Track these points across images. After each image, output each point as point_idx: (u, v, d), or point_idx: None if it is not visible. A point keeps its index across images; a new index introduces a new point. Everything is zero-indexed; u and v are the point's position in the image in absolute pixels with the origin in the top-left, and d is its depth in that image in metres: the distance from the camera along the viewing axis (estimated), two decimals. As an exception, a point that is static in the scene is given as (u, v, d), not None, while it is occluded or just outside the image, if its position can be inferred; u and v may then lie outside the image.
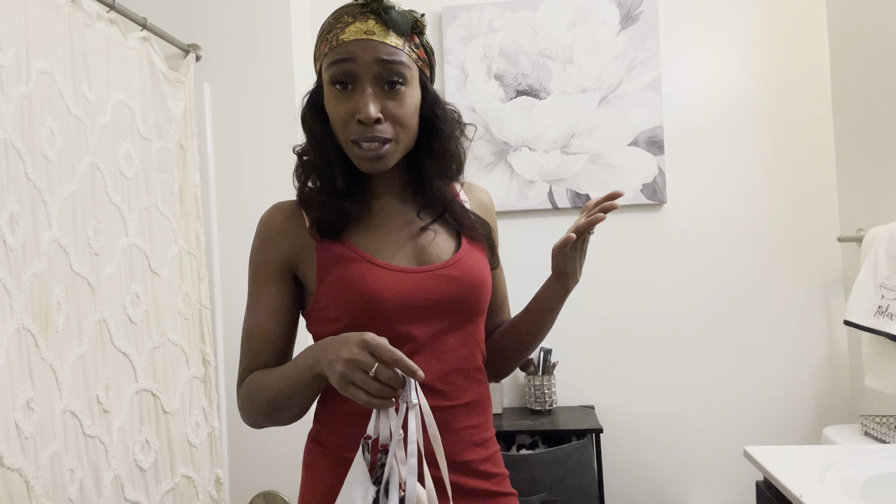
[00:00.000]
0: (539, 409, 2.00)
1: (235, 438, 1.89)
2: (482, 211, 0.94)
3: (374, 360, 0.64)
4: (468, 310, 0.82)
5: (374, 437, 0.67)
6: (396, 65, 0.75)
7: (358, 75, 0.75)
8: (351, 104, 0.76)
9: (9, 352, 1.11)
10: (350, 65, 0.74)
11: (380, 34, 0.75)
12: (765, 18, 2.06)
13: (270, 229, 0.83)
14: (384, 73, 0.75)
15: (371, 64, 0.74)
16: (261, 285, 0.83)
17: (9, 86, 1.16)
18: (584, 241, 0.83)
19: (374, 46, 0.74)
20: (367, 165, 0.78)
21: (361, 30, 0.75)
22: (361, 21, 0.75)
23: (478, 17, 2.12)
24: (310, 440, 0.85)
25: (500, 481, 0.84)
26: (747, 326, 2.05)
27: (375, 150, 0.76)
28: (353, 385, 0.65)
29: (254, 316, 0.83)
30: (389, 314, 0.77)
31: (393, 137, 0.77)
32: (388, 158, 0.78)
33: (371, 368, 0.64)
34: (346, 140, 0.78)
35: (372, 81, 0.75)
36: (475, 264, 0.84)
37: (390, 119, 0.76)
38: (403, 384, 0.65)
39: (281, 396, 0.76)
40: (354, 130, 0.76)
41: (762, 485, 1.03)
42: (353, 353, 0.65)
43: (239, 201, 1.91)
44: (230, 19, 1.92)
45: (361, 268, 0.78)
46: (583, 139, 2.08)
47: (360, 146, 0.76)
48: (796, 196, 2.04)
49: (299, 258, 0.82)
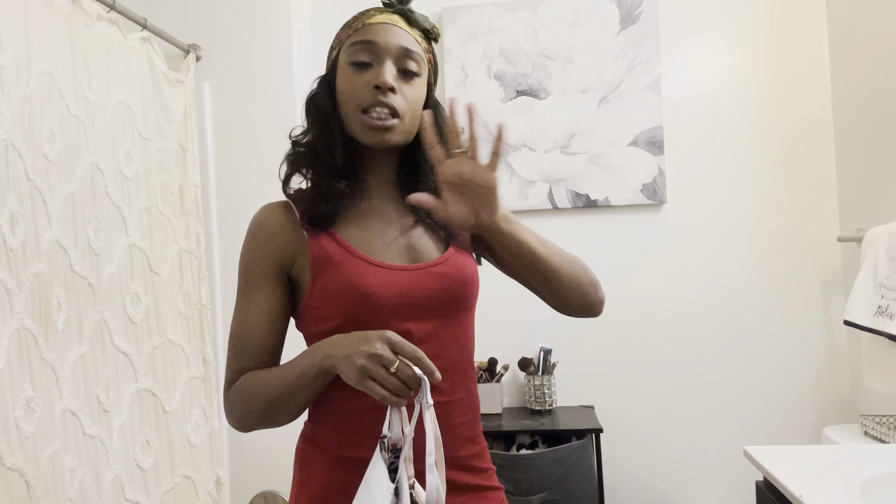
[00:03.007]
0: (539, 409, 2.00)
1: (235, 438, 1.89)
2: None
3: (396, 357, 0.66)
4: (459, 305, 0.83)
5: (389, 436, 0.68)
6: (414, 54, 0.81)
7: (380, 54, 0.80)
8: (369, 75, 0.79)
9: (9, 352, 1.11)
10: (373, 45, 0.80)
11: (403, 25, 0.82)
12: (765, 18, 2.06)
13: (264, 229, 0.83)
14: (403, 58, 0.80)
15: (394, 47, 0.80)
16: (253, 286, 0.82)
17: (9, 86, 1.16)
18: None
19: (398, 33, 0.81)
20: (372, 135, 0.80)
21: (387, 18, 0.82)
22: (387, 13, 0.83)
23: (478, 17, 2.12)
24: (303, 439, 0.85)
25: (488, 475, 0.86)
26: (747, 326, 2.05)
27: (384, 119, 0.79)
28: (372, 380, 0.66)
29: (245, 317, 0.82)
30: (384, 312, 0.77)
31: (401, 113, 0.80)
32: (393, 133, 0.80)
33: (393, 365, 0.65)
34: (357, 108, 0.79)
35: (392, 60, 0.80)
36: (464, 261, 0.85)
37: (402, 96, 0.80)
38: (419, 384, 0.66)
39: (281, 395, 0.76)
40: (367, 98, 0.79)
41: (762, 485, 1.03)
42: (376, 349, 0.66)
43: (239, 201, 1.91)
44: (230, 19, 1.92)
45: (356, 266, 0.78)
46: (583, 139, 2.08)
47: (369, 113, 0.79)
48: (796, 196, 2.04)
49: (293, 257, 0.82)
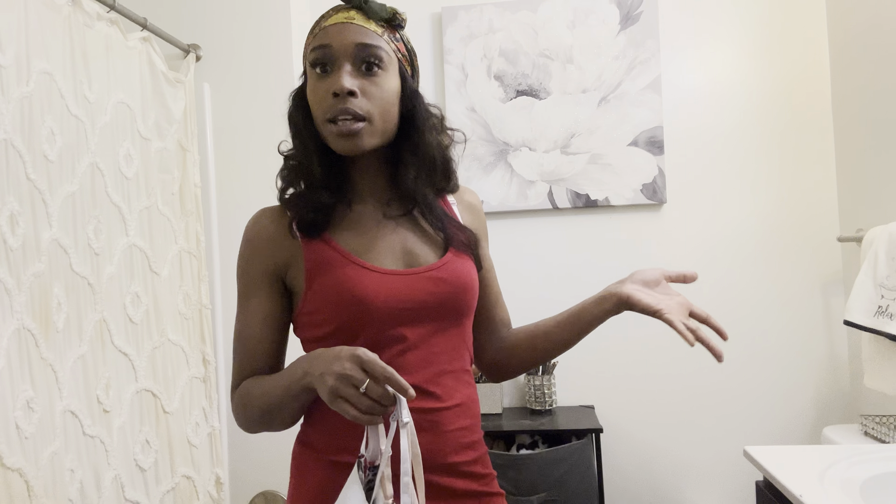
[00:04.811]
0: (539, 409, 2.00)
1: (235, 438, 1.89)
2: (471, 212, 0.94)
3: (366, 377, 0.64)
4: (457, 311, 0.82)
5: (367, 456, 0.66)
6: (373, 48, 0.77)
7: (336, 57, 0.77)
8: (329, 82, 0.77)
9: (9, 352, 1.11)
10: (328, 49, 0.77)
11: (359, 20, 0.78)
12: (765, 18, 2.06)
13: (258, 235, 0.83)
14: (361, 54, 0.77)
15: (349, 45, 0.77)
16: (250, 292, 0.83)
17: (9, 86, 1.16)
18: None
19: (352, 29, 0.77)
20: (342, 143, 0.77)
21: (342, 17, 0.78)
22: (343, 11, 0.79)
23: (478, 18, 2.12)
24: (298, 442, 0.85)
25: (488, 482, 0.85)
26: (747, 326, 2.05)
27: (348, 126, 0.76)
28: (343, 400, 0.64)
29: (244, 322, 0.83)
30: (380, 317, 0.77)
31: (367, 116, 0.77)
32: (362, 139, 0.77)
33: (362, 385, 0.63)
34: (323, 120, 0.78)
35: (349, 61, 0.77)
36: (462, 267, 0.84)
37: (366, 96, 0.77)
38: (394, 402, 0.64)
39: (272, 406, 0.76)
40: (330, 107, 0.76)
41: (762, 485, 1.03)
42: (345, 368, 0.64)
43: (239, 201, 1.91)
44: (230, 19, 1.92)
45: (350, 271, 0.77)
46: (583, 139, 2.08)
47: (335, 123, 0.77)
48: (796, 196, 2.04)
49: (287, 263, 0.82)
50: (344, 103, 0.75)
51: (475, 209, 0.95)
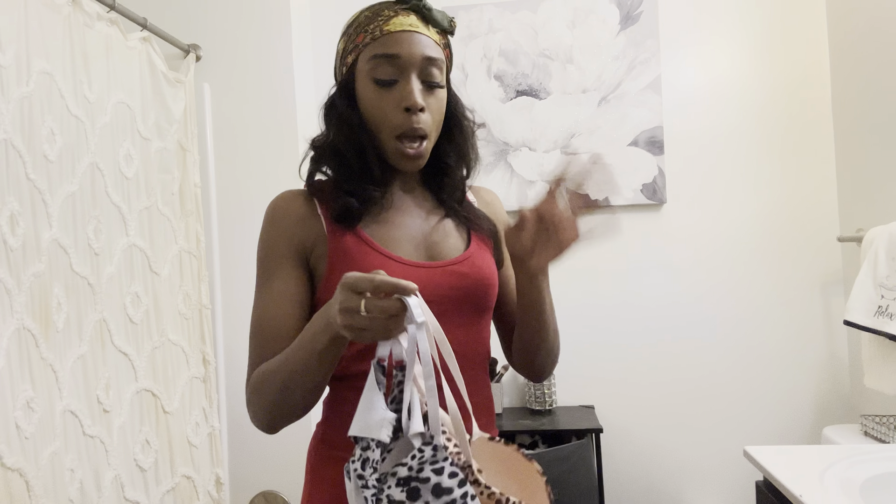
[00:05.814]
0: (539, 409, 2.00)
1: (235, 438, 1.89)
2: (489, 211, 0.94)
3: (360, 298, 0.59)
4: (477, 306, 0.82)
5: (386, 357, 0.61)
6: (437, 61, 0.79)
7: (405, 69, 0.77)
8: (396, 95, 0.77)
9: (9, 352, 1.11)
10: (396, 59, 0.77)
11: (422, 29, 0.78)
12: (765, 18, 2.06)
13: (284, 214, 0.82)
14: (427, 68, 0.78)
15: (417, 57, 0.77)
16: (273, 271, 0.80)
17: (9, 86, 1.16)
18: (549, 217, 0.75)
19: (421, 41, 0.77)
20: (407, 163, 0.80)
21: (405, 23, 0.77)
22: (403, 16, 0.78)
23: (478, 18, 2.12)
24: (315, 441, 0.84)
25: None
26: (747, 326, 2.05)
27: (416, 149, 0.78)
28: (360, 329, 0.60)
29: (266, 304, 0.79)
30: None
31: (429, 134, 0.79)
32: (424, 158, 0.81)
33: (360, 309, 0.59)
34: (390, 135, 0.78)
35: (416, 73, 0.78)
36: (484, 262, 0.84)
37: (428, 111, 0.79)
38: (403, 307, 0.59)
39: (294, 373, 0.70)
40: (400, 124, 0.77)
41: (762, 485, 1.03)
42: (340, 302, 0.60)
43: (239, 201, 1.91)
44: (230, 19, 1.92)
45: (374, 260, 0.77)
46: (583, 139, 2.08)
47: (403, 143, 0.78)
48: (796, 196, 2.04)
49: (312, 245, 0.81)
50: (415, 122, 0.77)
51: (494, 208, 0.96)
